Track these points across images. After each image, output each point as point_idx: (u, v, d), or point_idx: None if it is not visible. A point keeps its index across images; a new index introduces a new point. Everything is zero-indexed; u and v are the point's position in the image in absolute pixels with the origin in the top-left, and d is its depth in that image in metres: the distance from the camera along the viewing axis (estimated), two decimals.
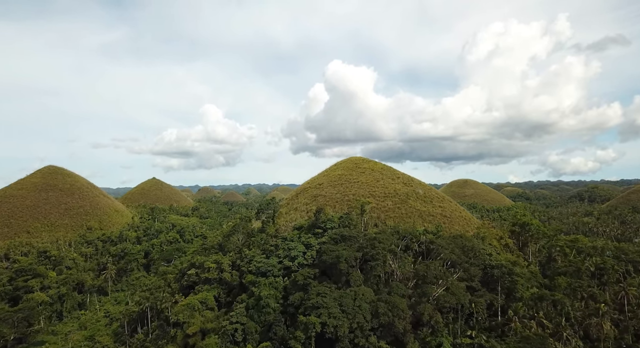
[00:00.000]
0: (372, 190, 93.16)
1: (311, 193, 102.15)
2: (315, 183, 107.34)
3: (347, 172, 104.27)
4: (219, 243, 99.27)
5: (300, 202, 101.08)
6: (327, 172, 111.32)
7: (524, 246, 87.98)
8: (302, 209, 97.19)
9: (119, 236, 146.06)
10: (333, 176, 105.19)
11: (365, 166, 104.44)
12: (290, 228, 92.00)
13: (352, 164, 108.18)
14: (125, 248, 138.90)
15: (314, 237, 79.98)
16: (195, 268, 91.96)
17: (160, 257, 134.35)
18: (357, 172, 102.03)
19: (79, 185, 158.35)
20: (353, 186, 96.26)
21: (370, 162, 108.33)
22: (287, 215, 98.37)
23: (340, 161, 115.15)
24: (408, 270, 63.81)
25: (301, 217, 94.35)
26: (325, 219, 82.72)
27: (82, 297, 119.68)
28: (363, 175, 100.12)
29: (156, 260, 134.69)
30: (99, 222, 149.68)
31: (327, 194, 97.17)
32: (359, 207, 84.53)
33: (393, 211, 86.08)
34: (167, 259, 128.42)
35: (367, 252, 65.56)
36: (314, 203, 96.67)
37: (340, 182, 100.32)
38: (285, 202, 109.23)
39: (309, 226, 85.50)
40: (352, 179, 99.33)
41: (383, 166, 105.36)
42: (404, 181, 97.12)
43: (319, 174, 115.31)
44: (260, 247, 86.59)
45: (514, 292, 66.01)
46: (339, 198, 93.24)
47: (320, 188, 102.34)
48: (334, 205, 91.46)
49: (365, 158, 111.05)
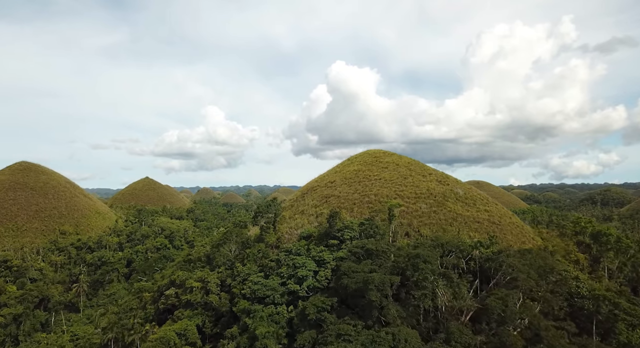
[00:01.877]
0: (398, 189, 74.02)
1: (321, 194, 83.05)
2: (326, 181, 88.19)
3: (365, 167, 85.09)
4: (207, 254, 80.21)
5: (308, 203, 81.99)
6: (339, 168, 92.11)
7: (595, 262, 68.64)
8: (310, 213, 78.15)
9: (97, 242, 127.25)
10: (348, 172, 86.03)
11: (387, 160, 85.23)
12: (295, 238, 72.86)
13: (371, 157, 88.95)
14: (103, 256, 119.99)
15: (327, 251, 60.90)
16: (175, 287, 72.83)
17: (141, 267, 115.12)
18: (378, 168, 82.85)
19: (54, 184, 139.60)
20: (374, 184, 77.10)
21: (394, 155, 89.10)
22: (292, 220, 79.34)
23: (356, 155, 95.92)
24: (468, 303, 44.37)
25: (309, 223, 75.29)
26: (342, 226, 63.70)
27: (46, 315, 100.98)
28: (386, 171, 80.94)
29: (138, 270, 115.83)
30: (75, 225, 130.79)
31: (341, 194, 78.06)
32: (386, 211, 65.47)
33: (428, 216, 66.93)
34: (146, 271, 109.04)
35: (409, 276, 46.45)
36: (325, 205, 77.61)
37: (358, 179, 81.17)
38: (289, 204, 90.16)
39: (320, 235, 66.40)
40: (373, 176, 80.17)
41: (410, 160, 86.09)
42: (438, 178, 77.86)
43: (330, 170, 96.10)
44: (258, 262, 67.46)
45: (612, 332, 46.84)
46: (357, 200, 74.11)
47: (332, 187, 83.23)
48: (351, 208, 72.37)
49: (386, 151, 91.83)
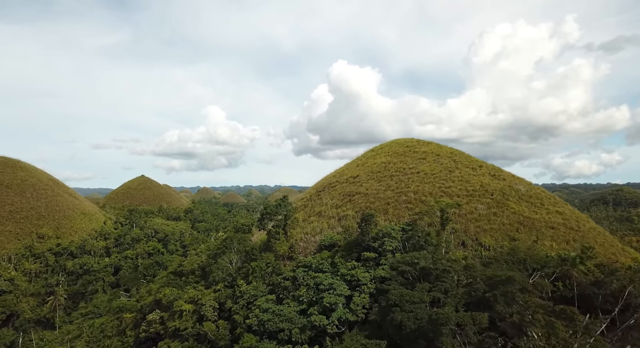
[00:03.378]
0: (444, 185, 58.58)
1: (342, 191, 67.67)
2: (346, 176, 72.79)
3: (396, 158, 69.62)
4: (202, 266, 64.83)
5: (326, 203, 66.70)
6: (362, 161, 76.62)
7: None
8: (330, 214, 62.84)
9: (80, 247, 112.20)
10: (374, 165, 70.60)
11: (424, 149, 69.75)
12: (313, 246, 57.54)
13: (402, 147, 73.44)
14: (86, 263, 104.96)
15: (361, 267, 45.41)
16: (160, 309, 57.53)
17: (125, 278, 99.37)
18: (414, 159, 67.39)
19: (33, 181, 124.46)
20: (412, 179, 61.66)
21: (431, 143, 73.56)
22: (307, 223, 64.07)
23: (381, 145, 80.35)
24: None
25: (330, 228, 59.97)
26: (379, 233, 48.26)
27: (14, 334, 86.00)
28: (424, 162, 65.49)
29: (122, 282, 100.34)
30: (55, 228, 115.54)
31: (369, 192, 62.66)
32: (433, 213, 50.08)
33: (487, 220, 51.45)
34: (129, 284, 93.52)
35: (500, 311, 31.08)
36: (349, 205, 62.30)
37: (389, 173, 65.75)
38: (301, 204, 74.77)
39: (348, 244, 51.02)
40: (408, 169, 64.75)
41: (452, 149, 70.52)
42: (492, 172, 62.41)
43: (349, 163, 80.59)
44: (266, 279, 52.08)
45: None
46: (391, 199, 58.71)
47: (356, 183, 67.85)
48: (385, 209, 56.97)
49: (420, 139, 76.38)
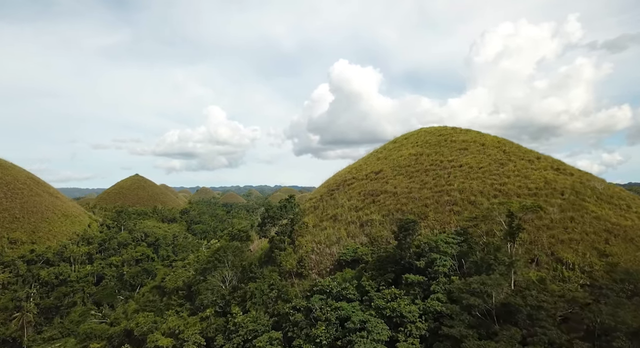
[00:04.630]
0: (497, 181, 45.46)
1: (362, 190, 54.72)
2: (366, 171, 59.83)
3: (428, 149, 56.55)
4: (188, 283, 51.84)
5: (342, 204, 53.77)
6: (383, 153, 63.58)
7: None
8: (349, 219, 49.89)
9: (58, 253, 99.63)
10: (401, 158, 57.58)
11: (463, 138, 56.61)
12: (329, 261, 44.63)
13: (434, 136, 60.30)
14: (62, 273, 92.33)
15: (405, 296, 32.44)
16: (131, 344, 44.64)
17: (100, 294, 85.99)
18: (452, 149, 54.28)
19: (8, 180, 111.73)
20: (454, 175, 48.55)
21: (471, 131, 60.29)
22: (319, 230, 51.21)
23: (406, 135, 67.20)
24: None
25: (350, 236, 47.04)
26: (425, 247, 35.28)
27: None
28: (466, 153, 52.38)
29: (101, 294, 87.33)
30: (30, 232, 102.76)
31: (398, 190, 49.61)
32: (494, 219, 37.05)
33: (563, 227, 38.36)
34: (103, 301, 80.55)
35: None
36: (372, 207, 49.31)
37: (422, 167, 52.71)
38: (311, 205, 61.83)
39: (380, 261, 38.02)
40: (446, 162, 51.64)
41: (499, 138, 56.95)
42: (553, 165, 49.29)
43: (368, 156, 67.52)
44: (269, 307, 39.19)
45: None
46: (429, 200, 45.61)
47: (379, 179, 54.84)
48: (423, 213, 43.84)
49: (456, 127, 63.23)
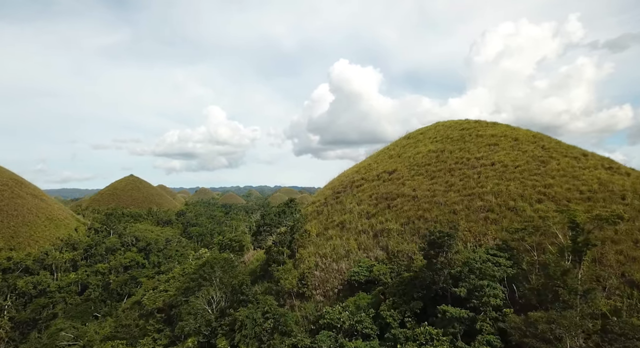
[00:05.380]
0: (539, 183, 37.45)
1: (373, 192, 46.82)
2: (377, 171, 51.92)
3: (451, 145, 48.57)
4: (170, 303, 43.94)
5: (351, 210, 45.91)
6: (398, 150, 55.61)
7: None
8: (359, 227, 42.02)
9: (38, 260, 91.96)
10: (418, 155, 49.65)
11: (491, 132, 48.53)
12: (337, 280, 36.70)
13: (455, 130, 52.29)
14: (41, 282, 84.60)
15: (443, 337, 24.69)
16: None
17: (71, 311, 77.15)
18: (480, 145, 46.27)
19: None
20: (485, 175, 40.57)
21: (499, 125, 51.94)
22: (324, 239, 43.40)
23: (421, 130, 59.11)
24: None
25: (361, 248, 39.15)
26: (464, 269, 27.41)
27: None
28: (498, 150, 44.32)
29: (73, 311, 78.75)
30: (9, 237, 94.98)
31: (418, 193, 41.68)
32: (543, 229, 29.17)
33: (633, 241, 30.52)
34: (75, 317, 72.37)
35: None
36: (388, 214, 41.40)
37: (445, 166, 44.74)
38: (313, 209, 53.93)
39: (404, 284, 30.09)
40: (475, 160, 43.64)
41: (535, 133, 48.35)
42: (604, 163, 41.17)
43: (378, 153, 59.63)
44: (264, 342, 31.42)
45: None
46: (457, 205, 37.63)
47: (394, 180, 46.93)
48: (454, 222, 35.87)
49: (480, 120, 55.17)
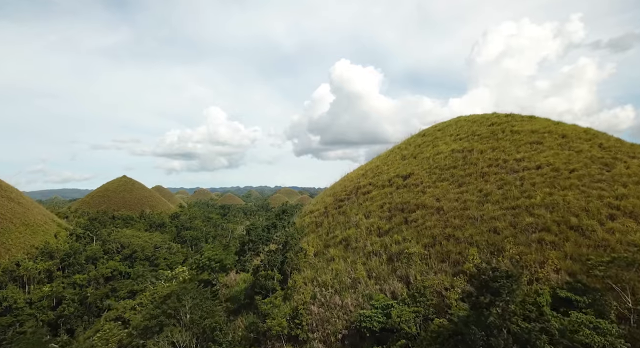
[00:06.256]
0: (606, 192, 28.38)
1: (385, 201, 37.70)
2: (389, 174, 42.77)
3: (481, 144, 39.48)
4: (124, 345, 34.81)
5: (357, 223, 36.78)
6: (412, 149, 46.51)
7: None
8: (369, 247, 32.86)
9: (6, 271, 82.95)
10: (439, 157, 40.54)
11: (530, 128, 39.28)
12: (340, 323, 27.51)
13: (484, 126, 43.12)
14: (6, 297, 75.56)
15: None
16: None
17: (23, 339, 66.70)
18: (518, 144, 37.09)
19: None
20: (531, 181, 31.38)
21: (537, 119, 42.46)
22: (323, 261, 34.36)
23: (438, 125, 49.94)
24: None
25: (372, 277, 29.91)
26: (533, 326, 18.33)
27: None
28: (543, 149, 35.13)
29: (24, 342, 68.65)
30: None
31: (444, 205, 32.50)
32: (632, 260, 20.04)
33: None
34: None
35: None
36: (405, 230, 32.24)
37: (477, 169, 35.58)
38: (310, 220, 44.68)
39: (440, 339, 21.10)
40: (513, 162, 34.47)
41: (586, 129, 39.48)
42: None
43: (388, 153, 50.52)
44: None
45: None
46: (499, 221, 28.49)
47: (410, 186, 37.80)
48: (494, 245, 26.72)
49: (514, 113, 45.87)
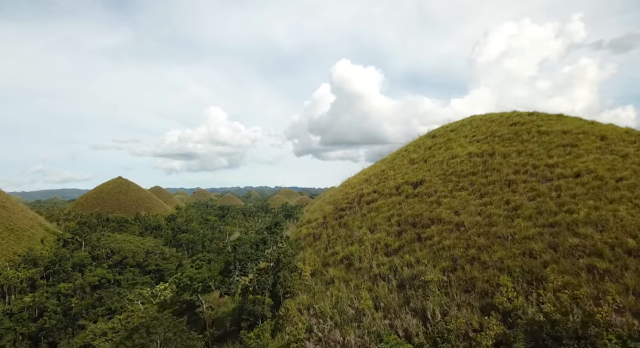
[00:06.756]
0: None
1: (393, 213, 32.34)
2: (396, 180, 37.40)
3: (503, 146, 34.18)
4: None
5: (361, 238, 31.43)
6: (423, 151, 41.10)
7: None
8: (374, 270, 27.44)
9: None
10: (456, 160, 35.19)
11: (563, 128, 34.02)
12: None
13: (505, 125, 37.68)
14: None
15: None
16: None
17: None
18: (549, 147, 31.70)
19: None
20: (569, 192, 25.83)
21: (567, 118, 36.63)
22: (321, 284, 29.06)
23: (454, 123, 44.51)
24: None
25: (377, 306, 24.38)
26: None
27: None
28: (579, 153, 29.61)
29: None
30: None
31: (466, 220, 27.07)
32: None
33: None
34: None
35: None
36: (417, 249, 26.86)
37: (501, 176, 30.22)
38: (307, 231, 39.21)
39: None
40: (545, 168, 29.02)
41: (626, 129, 33.30)
42: None
43: (393, 155, 45.17)
44: None
45: None
46: (535, 241, 23.13)
47: (422, 196, 32.43)
48: (534, 272, 21.30)
49: (538, 112, 40.36)
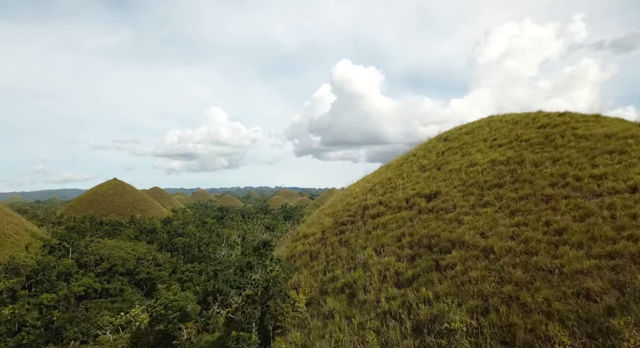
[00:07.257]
0: None
1: (402, 232, 27.37)
2: (406, 191, 32.36)
3: (533, 153, 29.20)
4: None
5: (366, 263, 26.37)
6: (435, 157, 36.00)
7: None
8: (382, 305, 22.36)
9: None
10: (475, 169, 30.19)
11: (604, 131, 28.74)
12: None
13: (533, 128, 32.73)
14: None
15: None
16: None
17: None
18: (591, 154, 26.49)
19: None
20: (628, 213, 20.81)
21: (605, 119, 31.58)
22: (317, 319, 23.91)
23: (469, 125, 39.54)
24: None
25: None
26: None
27: None
28: (633, 161, 24.79)
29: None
30: None
31: (496, 245, 22.02)
32: None
33: None
34: None
35: None
36: (438, 283, 21.71)
37: (536, 190, 25.21)
38: (303, 248, 34.13)
39: None
40: (590, 180, 23.98)
41: None
42: None
43: (399, 160, 40.05)
44: None
45: None
46: (589, 277, 18.11)
47: (439, 212, 27.42)
48: (599, 321, 16.35)
49: (570, 112, 35.44)
